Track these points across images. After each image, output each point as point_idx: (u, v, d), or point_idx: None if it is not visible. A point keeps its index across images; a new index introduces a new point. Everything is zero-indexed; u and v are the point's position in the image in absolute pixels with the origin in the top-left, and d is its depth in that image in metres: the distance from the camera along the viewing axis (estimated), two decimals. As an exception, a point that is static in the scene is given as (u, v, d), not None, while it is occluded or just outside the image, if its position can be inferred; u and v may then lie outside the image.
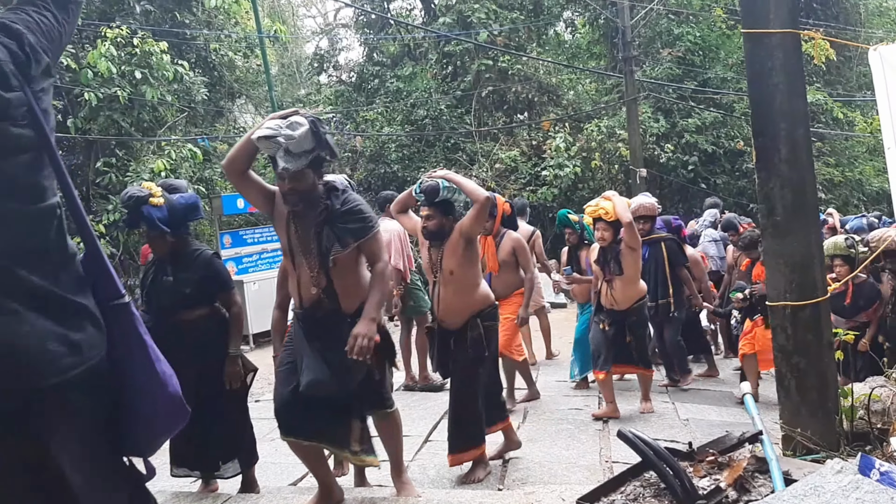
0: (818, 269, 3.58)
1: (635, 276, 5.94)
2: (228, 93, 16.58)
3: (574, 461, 4.77)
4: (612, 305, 6.00)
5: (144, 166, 11.37)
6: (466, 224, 4.38)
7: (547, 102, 18.31)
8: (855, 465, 2.26)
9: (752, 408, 3.09)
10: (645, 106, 16.98)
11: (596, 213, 5.87)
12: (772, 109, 3.54)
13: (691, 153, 16.91)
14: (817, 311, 3.52)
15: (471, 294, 4.48)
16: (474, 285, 4.51)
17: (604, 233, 5.87)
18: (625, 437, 2.86)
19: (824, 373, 3.53)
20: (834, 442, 3.43)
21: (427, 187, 4.41)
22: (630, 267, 5.85)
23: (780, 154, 3.51)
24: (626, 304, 5.94)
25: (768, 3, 3.52)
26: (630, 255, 5.80)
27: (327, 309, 3.47)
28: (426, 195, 4.42)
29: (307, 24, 27.57)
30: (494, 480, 4.42)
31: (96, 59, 11.01)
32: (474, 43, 16.75)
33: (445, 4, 17.41)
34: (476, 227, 4.43)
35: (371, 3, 18.96)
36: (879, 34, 18.65)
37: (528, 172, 16.55)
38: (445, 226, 4.44)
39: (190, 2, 14.33)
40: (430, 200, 4.44)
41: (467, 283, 4.46)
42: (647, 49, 18.39)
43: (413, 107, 17.54)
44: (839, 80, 19.60)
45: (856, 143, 18.91)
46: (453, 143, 17.44)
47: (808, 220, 3.57)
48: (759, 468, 2.82)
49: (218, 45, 15.01)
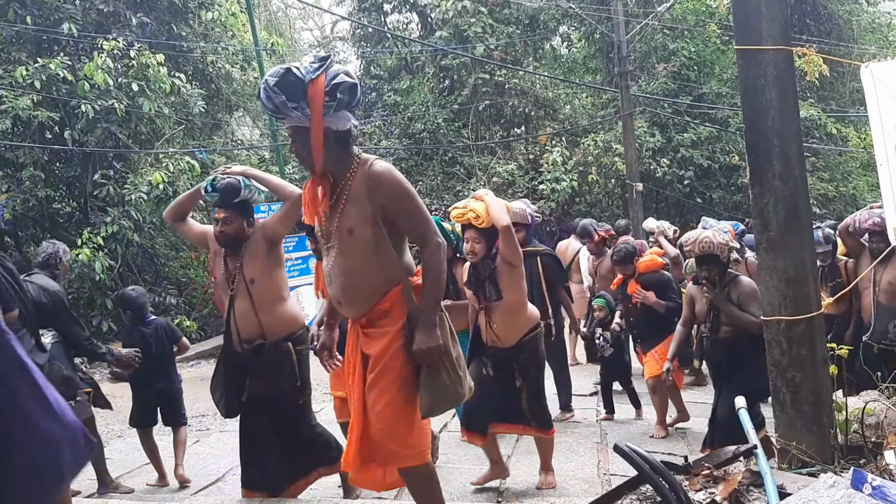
0: (812, 283, 3.60)
1: (520, 301, 4.44)
2: (226, 105, 16.60)
3: (572, 474, 4.78)
4: (494, 342, 4.45)
5: (142, 178, 11.38)
6: (272, 224, 3.92)
7: (544, 116, 18.40)
8: (848, 479, 2.28)
9: (746, 422, 3.11)
10: (641, 120, 17.08)
11: (464, 217, 4.35)
12: (765, 125, 3.57)
13: (687, 168, 16.99)
14: (811, 325, 3.54)
15: (276, 308, 3.88)
16: (280, 299, 3.92)
17: (474, 244, 4.35)
18: (621, 451, 2.87)
19: (819, 387, 3.55)
20: (828, 455, 3.44)
21: (225, 185, 3.87)
22: (511, 289, 4.34)
23: (774, 170, 3.54)
24: (512, 338, 4.41)
25: (761, 20, 3.56)
26: (509, 274, 4.32)
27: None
28: (223, 195, 3.88)
29: (304, 37, 27.67)
30: (493, 494, 4.42)
31: (93, 71, 11.04)
32: (471, 57, 16.83)
33: (442, 18, 17.50)
34: (283, 229, 3.95)
35: (368, 16, 19.05)
36: (872, 50, 18.81)
37: (525, 186, 16.60)
38: (245, 229, 3.91)
39: (187, 14, 14.37)
40: (227, 201, 3.89)
41: (272, 294, 3.87)
42: (642, 64, 18.50)
43: (410, 120, 17.60)
44: (833, 95, 19.72)
45: (849, 158, 19.02)
46: (451, 157, 17.49)
47: (801, 235, 3.59)
48: (753, 482, 2.83)
49: (215, 58, 15.05)
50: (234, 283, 3.83)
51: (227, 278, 3.87)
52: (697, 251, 4.77)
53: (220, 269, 3.94)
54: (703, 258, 4.76)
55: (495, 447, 4.60)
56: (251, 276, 3.80)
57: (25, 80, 11.05)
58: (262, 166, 15.91)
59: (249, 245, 3.87)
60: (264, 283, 3.83)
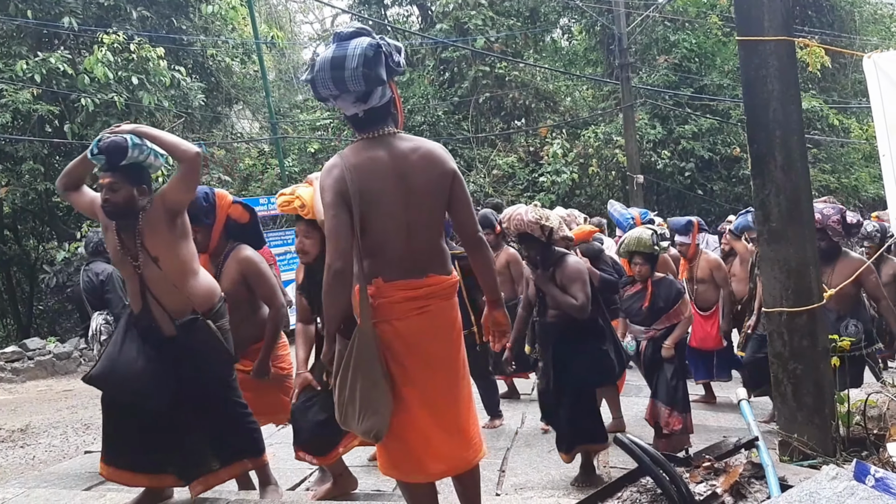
0: (814, 275, 3.60)
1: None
2: (225, 99, 16.58)
3: (572, 466, 4.76)
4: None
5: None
6: (170, 190, 3.39)
7: (544, 109, 18.37)
8: (850, 471, 2.27)
9: (748, 414, 3.10)
10: (641, 112, 17.04)
11: (290, 206, 3.72)
12: (767, 117, 3.56)
13: (688, 159, 16.96)
14: (813, 317, 3.54)
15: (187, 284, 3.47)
16: (191, 273, 3.51)
17: (304, 240, 3.73)
18: (622, 444, 2.86)
19: (820, 379, 3.54)
20: (830, 448, 3.44)
21: (109, 145, 3.31)
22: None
23: (776, 161, 3.53)
24: None
25: (763, 11, 3.54)
26: None
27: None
28: (108, 156, 3.32)
29: (304, 31, 27.59)
30: (492, 486, 4.41)
31: (93, 65, 11.03)
32: (471, 49, 16.79)
33: (442, 11, 17.45)
34: (183, 195, 3.41)
35: (368, 9, 19.00)
36: (874, 42, 18.76)
37: (525, 178, 16.58)
38: (137, 198, 3.37)
39: (187, 8, 14.34)
40: (113, 163, 3.33)
41: (182, 270, 3.46)
42: (643, 56, 18.46)
43: (410, 113, 17.56)
44: (834, 87, 19.68)
45: (851, 149, 18.99)
46: (451, 149, 17.42)
47: (803, 226, 3.58)
48: (755, 474, 2.83)
49: (215, 51, 15.02)
50: (137, 260, 3.40)
51: (126, 255, 3.42)
52: (512, 229, 4.50)
53: (112, 245, 3.46)
54: (519, 237, 4.51)
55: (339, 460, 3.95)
56: (154, 251, 3.38)
57: (26, 74, 11.04)
58: (262, 159, 15.91)
59: (147, 217, 3.38)
60: (171, 259, 3.42)
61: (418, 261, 2.74)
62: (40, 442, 6.67)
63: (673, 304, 5.00)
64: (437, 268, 2.77)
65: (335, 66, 2.64)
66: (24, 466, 5.80)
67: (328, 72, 2.65)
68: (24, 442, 6.72)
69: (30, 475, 5.33)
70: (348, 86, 2.64)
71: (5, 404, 8.83)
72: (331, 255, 2.61)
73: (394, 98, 2.80)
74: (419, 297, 2.72)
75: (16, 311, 14.32)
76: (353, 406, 2.64)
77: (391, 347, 2.69)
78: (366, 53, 2.63)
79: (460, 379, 2.83)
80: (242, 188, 14.99)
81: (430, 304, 2.73)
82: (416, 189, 2.70)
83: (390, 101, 2.78)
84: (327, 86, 2.67)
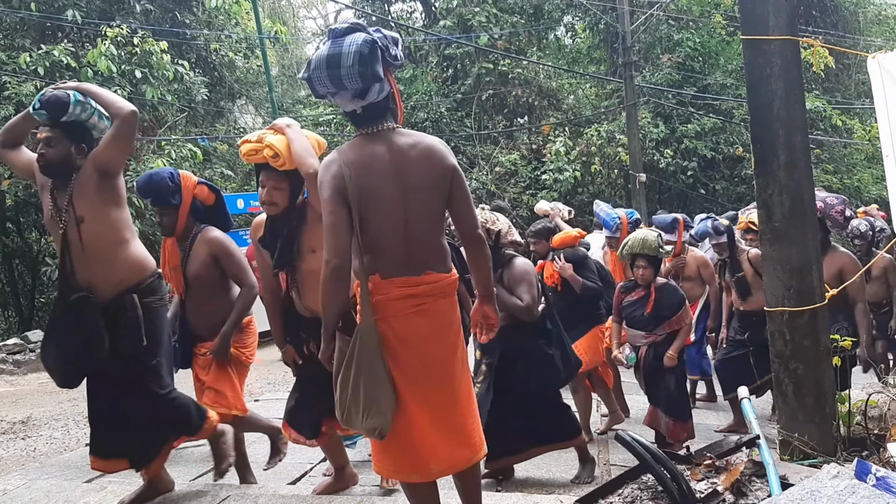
0: (816, 275, 3.60)
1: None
2: (229, 93, 16.59)
3: (573, 464, 4.77)
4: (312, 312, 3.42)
5: (145, 165, 11.37)
6: (101, 149, 3.25)
7: (547, 106, 18.36)
8: (851, 470, 2.28)
9: (749, 412, 3.11)
10: (645, 111, 17.04)
11: (258, 155, 3.37)
12: (770, 116, 3.56)
13: (690, 159, 16.96)
14: (815, 316, 3.54)
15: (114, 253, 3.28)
16: (120, 241, 3.32)
17: (272, 191, 3.40)
18: (623, 441, 2.87)
19: (822, 378, 3.55)
20: (831, 447, 3.44)
21: (49, 98, 3.23)
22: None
23: (779, 160, 3.53)
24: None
25: (767, 11, 3.54)
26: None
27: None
28: (48, 110, 3.23)
29: (308, 26, 27.61)
30: (493, 483, 4.42)
31: (96, 58, 11.02)
32: (475, 46, 16.79)
33: (446, 7, 17.46)
34: (115, 154, 3.26)
35: (371, 5, 19.00)
36: (878, 42, 18.73)
37: (528, 176, 16.58)
38: (74, 156, 3.27)
39: (190, 2, 14.33)
40: (54, 117, 3.25)
41: (109, 237, 3.28)
42: (646, 54, 18.45)
43: (413, 109, 17.57)
44: (838, 87, 19.66)
45: (854, 150, 18.98)
46: (454, 146, 17.42)
47: (805, 226, 3.58)
48: (756, 472, 2.83)
49: (218, 46, 15.02)
50: (63, 221, 3.22)
51: (55, 215, 3.26)
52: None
53: (46, 204, 3.32)
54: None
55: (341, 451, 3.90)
56: (81, 213, 3.21)
57: (29, 67, 11.04)
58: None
59: (79, 176, 3.25)
60: (96, 222, 3.24)
61: (416, 257, 2.69)
62: (41, 434, 6.68)
63: (676, 312, 4.88)
64: (436, 265, 2.73)
65: (331, 65, 2.62)
66: (26, 458, 5.81)
67: (324, 70, 2.64)
68: (26, 434, 6.73)
69: (31, 467, 5.35)
70: (345, 83, 2.63)
71: (7, 396, 8.85)
72: (328, 252, 2.59)
73: (393, 93, 2.77)
74: (417, 295, 2.68)
75: (17, 304, 14.34)
76: (357, 404, 2.62)
77: (388, 345, 2.66)
78: (361, 51, 2.61)
79: (460, 377, 2.79)
80: (245, 183, 15.01)
81: (427, 302, 2.69)
82: (415, 185, 2.66)
83: (389, 95, 2.74)
84: (324, 84, 2.66)
